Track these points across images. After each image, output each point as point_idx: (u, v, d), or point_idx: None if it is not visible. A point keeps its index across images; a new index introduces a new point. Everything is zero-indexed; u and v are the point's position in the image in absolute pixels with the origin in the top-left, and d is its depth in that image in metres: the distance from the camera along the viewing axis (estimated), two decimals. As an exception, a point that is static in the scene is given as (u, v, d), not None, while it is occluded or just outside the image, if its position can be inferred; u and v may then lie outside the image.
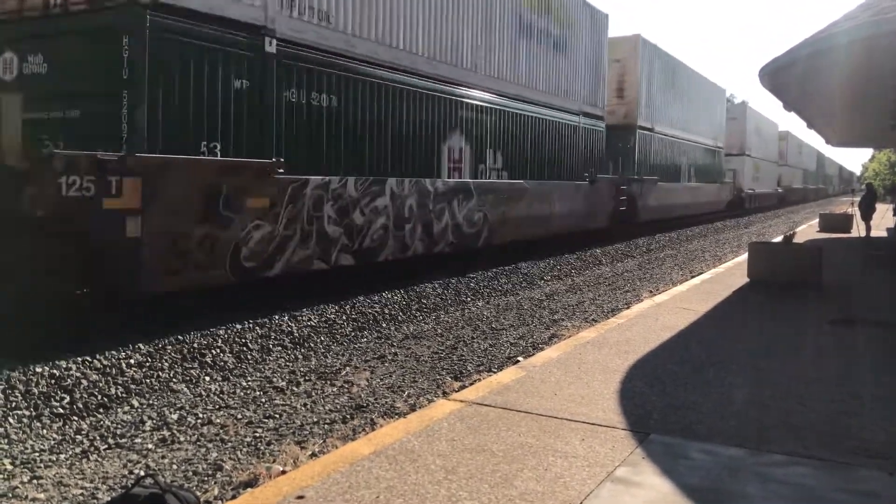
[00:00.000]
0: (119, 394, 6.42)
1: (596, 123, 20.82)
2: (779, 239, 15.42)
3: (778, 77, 11.54)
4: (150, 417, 5.95)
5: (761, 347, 7.63)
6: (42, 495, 4.52)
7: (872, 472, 4.27)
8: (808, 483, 4.11)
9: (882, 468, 4.32)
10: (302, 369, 7.52)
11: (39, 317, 7.28)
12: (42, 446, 5.32)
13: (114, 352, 6.94)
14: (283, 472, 4.38)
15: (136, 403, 6.32)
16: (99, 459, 5.13)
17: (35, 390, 6.02)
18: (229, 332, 8.08)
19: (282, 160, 9.20)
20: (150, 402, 6.41)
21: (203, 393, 6.67)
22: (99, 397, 6.26)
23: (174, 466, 4.94)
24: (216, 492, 4.47)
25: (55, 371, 6.32)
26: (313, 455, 4.88)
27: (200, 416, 6.02)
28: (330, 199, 10.09)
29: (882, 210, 33.26)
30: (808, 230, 26.58)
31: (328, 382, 7.04)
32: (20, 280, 7.14)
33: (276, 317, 8.84)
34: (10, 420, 5.61)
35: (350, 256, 10.63)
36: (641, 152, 24.84)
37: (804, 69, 10.64)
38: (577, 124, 19.49)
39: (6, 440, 5.34)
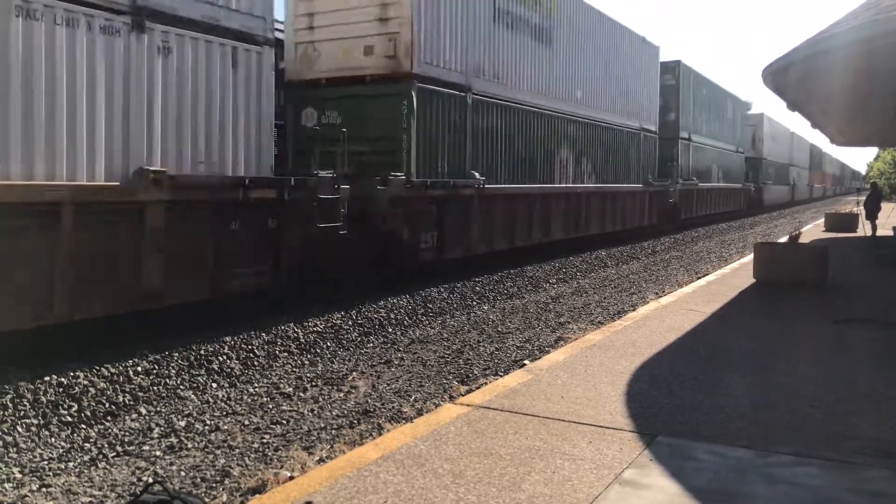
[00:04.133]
0: (127, 401, 6.44)
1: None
2: (784, 239, 15.39)
3: (780, 77, 11.53)
4: (157, 424, 5.97)
5: (767, 348, 7.61)
6: (51, 503, 4.55)
7: (881, 472, 4.25)
8: (816, 483, 4.10)
9: (891, 468, 4.31)
10: (309, 375, 7.54)
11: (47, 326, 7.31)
12: (51, 454, 5.34)
13: (121, 359, 6.97)
14: (291, 478, 4.39)
15: (143, 411, 6.34)
16: (107, 467, 5.15)
17: (43, 399, 6.05)
18: (235, 338, 8.10)
19: None
20: (158, 409, 6.43)
21: (210, 399, 6.69)
22: (107, 405, 6.29)
23: (182, 473, 4.96)
24: (224, 498, 4.49)
25: (63, 379, 6.35)
26: (321, 460, 4.89)
27: (208, 422, 6.04)
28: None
29: (888, 209, 33.15)
30: (813, 230, 26.52)
31: (335, 388, 7.05)
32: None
33: (283, 323, 8.86)
34: (19, 428, 5.63)
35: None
36: (477, 132, 14.17)
37: (806, 69, 10.63)
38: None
39: (15, 449, 5.36)
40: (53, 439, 5.64)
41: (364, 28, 12.34)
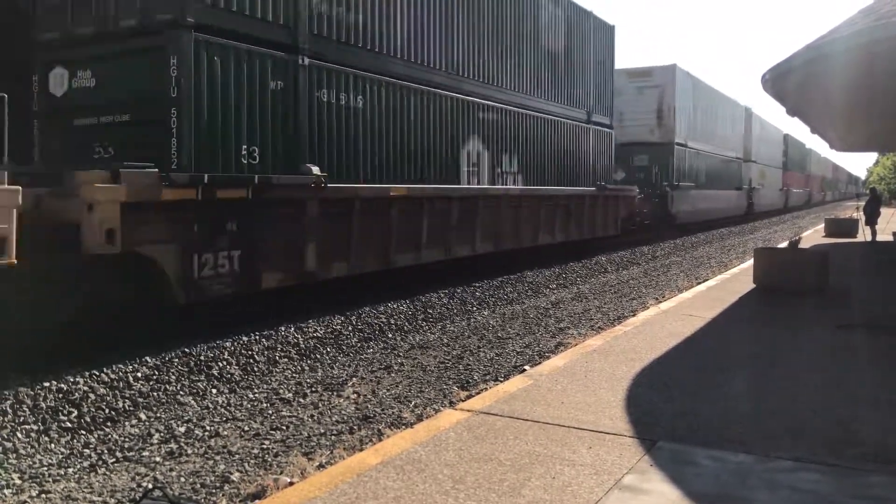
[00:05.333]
0: (127, 407, 6.44)
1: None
2: (784, 244, 15.40)
3: (780, 83, 11.56)
4: (157, 430, 5.96)
5: (768, 353, 7.60)
6: (51, 509, 4.53)
7: (882, 478, 4.25)
8: (817, 489, 4.09)
9: (892, 473, 4.30)
10: (308, 380, 7.53)
11: (47, 330, 7.31)
12: (50, 460, 5.33)
13: (121, 365, 6.96)
14: (291, 484, 4.38)
15: (143, 416, 6.34)
16: (107, 473, 5.14)
17: (43, 405, 6.04)
18: (236, 344, 8.10)
19: None
20: (158, 414, 6.42)
21: (210, 405, 6.68)
22: (107, 411, 6.28)
23: (182, 479, 4.95)
24: (224, 504, 4.48)
25: (63, 385, 6.34)
26: (321, 466, 4.88)
27: (208, 428, 6.03)
28: None
29: (887, 214, 33.19)
30: (813, 235, 26.54)
31: (335, 393, 7.04)
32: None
33: (283, 328, 8.85)
34: (19, 434, 5.62)
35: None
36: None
37: (805, 75, 10.67)
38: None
39: (15, 455, 5.35)
40: (53, 445, 5.63)
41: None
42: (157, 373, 7.08)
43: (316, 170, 9.42)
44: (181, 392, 6.95)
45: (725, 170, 35.05)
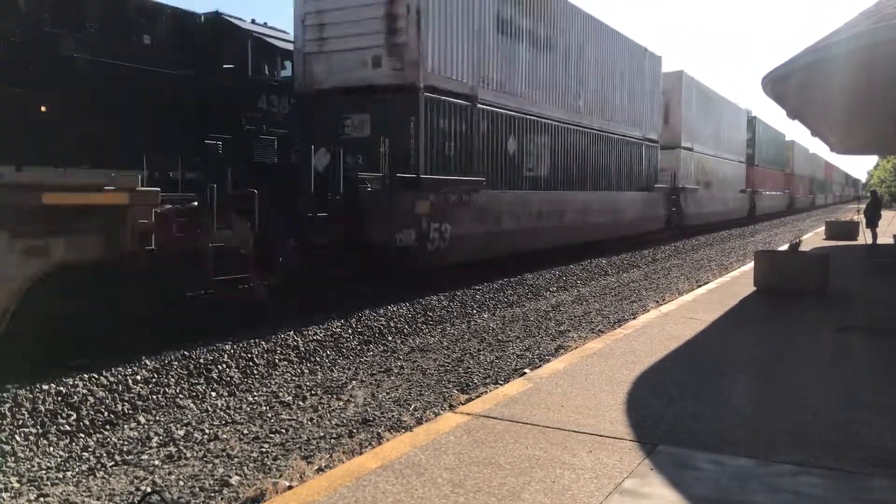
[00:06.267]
0: (126, 410, 6.42)
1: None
2: (785, 247, 15.38)
3: (780, 85, 11.54)
4: (156, 433, 5.95)
5: (769, 356, 7.59)
6: (49, 513, 4.52)
7: (883, 482, 4.23)
8: (818, 493, 4.07)
9: (893, 477, 4.29)
10: (308, 384, 7.52)
11: (46, 333, 7.30)
12: (49, 464, 5.31)
13: (120, 368, 6.95)
14: (290, 488, 4.37)
15: (142, 420, 6.32)
16: (105, 476, 5.12)
17: (42, 408, 6.03)
18: (235, 347, 8.08)
19: None
20: (157, 418, 6.40)
21: (209, 408, 6.67)
22: (105, 414, 6.26)
23: (181, 483, 4.93)
24: (223, 508, 4.46)
25: (62, 388, 6.33)
26: (320, 470, 4.87)
27: (207, 431, 6.02)
28: None
29: (888, 217, 33.18)
30: (814, 238, 26.52)
31: (334, 397, 7.03)
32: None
33: (282, 331, 8.84)
34: (17, 438, 5.61)
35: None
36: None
37: (806, 77, 10.65)
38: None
39: (13, 458, 5.34)
40: (52, 448, 5.62)
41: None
42: (156, 375, 7.07)
43: None
44: (180, 395, 6.93)
45: (617, 157, 21.64)
